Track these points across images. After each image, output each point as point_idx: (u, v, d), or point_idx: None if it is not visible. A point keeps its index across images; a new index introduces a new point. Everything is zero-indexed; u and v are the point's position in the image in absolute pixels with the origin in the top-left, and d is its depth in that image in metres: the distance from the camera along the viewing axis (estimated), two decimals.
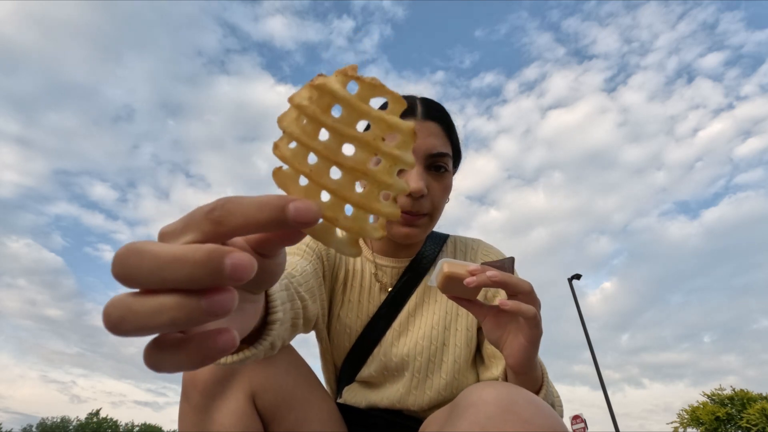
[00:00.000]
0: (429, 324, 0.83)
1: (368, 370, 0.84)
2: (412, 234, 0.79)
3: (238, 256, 0.20)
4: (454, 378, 0.81)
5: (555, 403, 0.67)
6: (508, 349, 0.58)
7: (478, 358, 0.87)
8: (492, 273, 0.55)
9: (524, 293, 0.55)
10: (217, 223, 0.22)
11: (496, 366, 0.80)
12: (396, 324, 0.85)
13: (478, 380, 0.83)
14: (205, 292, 0.20)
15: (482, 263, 0.58)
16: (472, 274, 0.55)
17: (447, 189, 0.83)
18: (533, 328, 0.55)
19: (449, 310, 0.85)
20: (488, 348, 0.82)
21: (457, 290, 0.59)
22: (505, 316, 0.58)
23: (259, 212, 0.22)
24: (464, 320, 0.84)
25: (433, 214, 0.81)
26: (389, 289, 0.87)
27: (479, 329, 0.85)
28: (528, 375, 0.60)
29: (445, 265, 0.57)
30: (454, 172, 0.92)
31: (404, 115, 0.84)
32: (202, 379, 0.60)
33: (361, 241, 0.92)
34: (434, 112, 0.82)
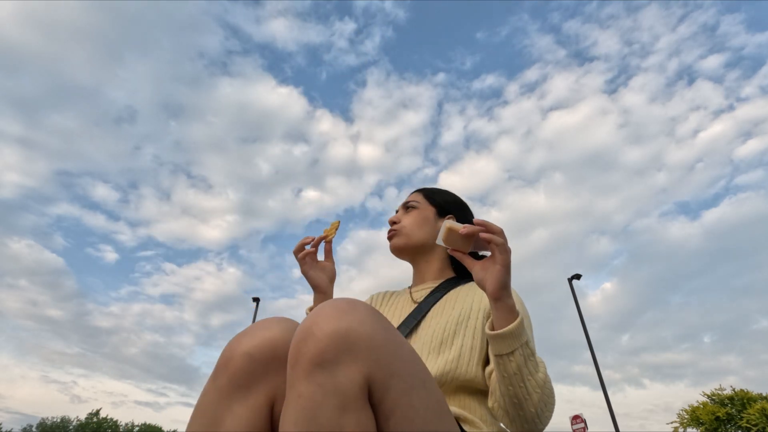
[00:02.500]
0: (444, 320, 1.00)
1: None
2: (392, 245, 1.22)
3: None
4: (458, 357, 0.93)
5: (534, 352, 0.82)
6: (488, 282, 0.78)
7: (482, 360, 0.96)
8: (476, 219, 0.80)
9: (497, 232, 0.78)
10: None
11: None
12: (421, 322, 1.06)
13: (482, 372, 0.94)
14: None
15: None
16: (461, 232, 0.80)
17: (415, 216, 1.23)
18: (503, 253, 0.77)
19: (463, 314, 1.00)
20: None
21: (455, 243, 0.83)
22: (488, 261, 0.80)
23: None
24: (473, 322, 0.98)
25: (403, 230, 1.21)
26: (419, 301, 1.12)
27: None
28: (503, 301, 0.77)
29: (447, 222, 0.82)
30: (448, 216, 1.26)
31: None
32: (234, 366, 0.61)
33: (406, 288, 1.27)
34: (417, 189, 1.32)
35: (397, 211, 1.30)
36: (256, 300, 13.83)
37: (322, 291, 1.05)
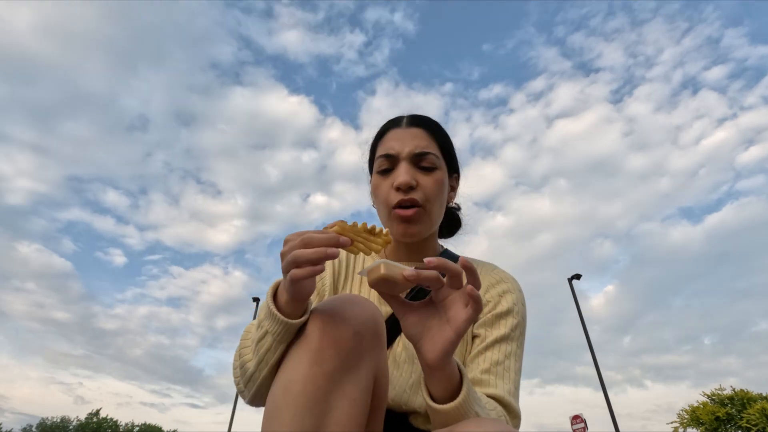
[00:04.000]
0: None
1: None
2: (409, 230, 0.84)
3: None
4: None
5: (480, 410, 0.63)
6: (429, 344, 0.58)
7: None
8: (462, 260, 0.55)
9: (478, 287, 0.56)
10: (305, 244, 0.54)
11: (493, 385, 0.78)
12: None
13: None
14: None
15: (417, 268, 0.58)
16: (407, 278, 0.55)
17: (439, 184, 0.86)
18: (468, 323, 0.55)
19: None
20: (483, 365, 0.80)
21: (388, 287, 0.60)
22: (428, 312, 0.60)
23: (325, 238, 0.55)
24: (468, 332, 0.84)
25: (427, 206, 0.84)
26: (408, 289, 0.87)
27: (474, 336, 0.84)
28: (445, 371, 0.59)
29: (382, 267, 0.57)
30: (455, 178, 0.99)
31: (391, 128, 0.93)
32: (345, 347, 0.56)
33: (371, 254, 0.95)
34: (417, 121, 0.92)
35: (392, 156, 0.86)
36: (256, 300, 13.84)
37: (303, 300, 0.61)
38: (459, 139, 0.98)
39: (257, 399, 0.71)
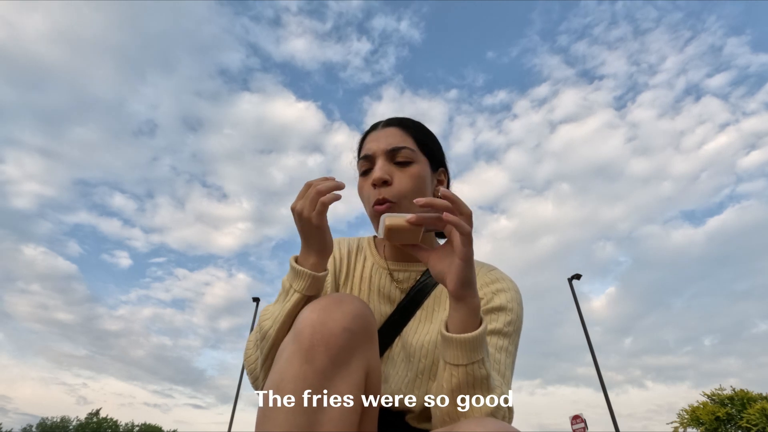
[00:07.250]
0: (431, 335, 0.83)
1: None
2: (387, 228, 0.86)
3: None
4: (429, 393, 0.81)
5: (489, 377, 0.64)
6: (448, 277, 0.64)
7: None
8: (443, 191, 0.63)
9: (466, 215, 0.62)
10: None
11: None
12: (418, 313, 0.86)
13: None
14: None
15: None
16: (409, 222, 0.63)
17: (414, 178, 0.85)
18: (466, 245, 0.61)
19: None
20: None
21: (402, 238, 0.68)
22: (446, 250, 0.66)
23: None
24: None
25: (401, 202, 0.82)
26: (408, 288, 0.88)
27: None
28: (466, 301, 0.63)
29: (386, 219, 0.65)
30: (442, 173, 0.97)
31: (369, 132, 0.95)
32: (335, 344, 0.57)
33: (373, 249, 0.97)
34: (393, 121, 0.94)
35: (369, 156, 0.88)
36: (256, 300, 13.85)
37: (326, 257, 0.72)
38: (463, 144, 0.99)
39: (264, 365, 0.71)
